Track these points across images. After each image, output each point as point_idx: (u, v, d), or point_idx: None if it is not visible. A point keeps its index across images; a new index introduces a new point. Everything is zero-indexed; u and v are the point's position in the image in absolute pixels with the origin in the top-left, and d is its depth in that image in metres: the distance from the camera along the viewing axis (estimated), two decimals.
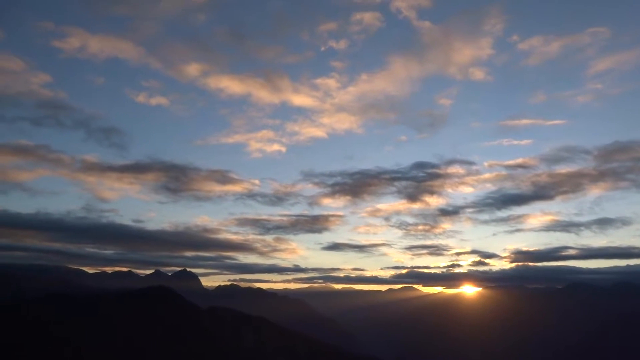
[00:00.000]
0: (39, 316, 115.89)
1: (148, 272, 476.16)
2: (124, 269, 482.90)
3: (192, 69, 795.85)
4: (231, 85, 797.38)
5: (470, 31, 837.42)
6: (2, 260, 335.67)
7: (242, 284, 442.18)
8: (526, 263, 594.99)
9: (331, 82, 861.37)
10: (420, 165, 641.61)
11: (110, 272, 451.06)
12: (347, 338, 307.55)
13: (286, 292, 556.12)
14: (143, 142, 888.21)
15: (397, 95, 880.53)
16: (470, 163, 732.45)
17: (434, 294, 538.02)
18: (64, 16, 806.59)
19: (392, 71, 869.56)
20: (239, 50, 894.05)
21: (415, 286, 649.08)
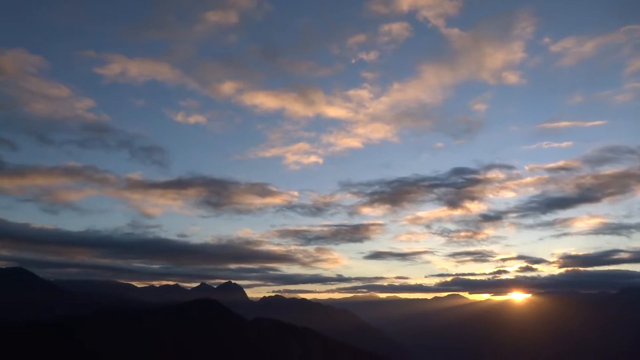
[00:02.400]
0: (92, 330, 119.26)
1: (194, 285, 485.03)
2: (171, 283, 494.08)
3: (227, 87, 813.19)
4: (266, 100, 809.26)
5: (501, 36, 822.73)
6: (56, 277, 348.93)
7: (286, 295, 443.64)
8: (576, 268, 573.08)
9: (364, 93, 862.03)
10: (458, 172, 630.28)
11: (157, 286, 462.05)
12: (395, 348, 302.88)
13: (330, 302, 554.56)
14: (183, 159, 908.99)
15: (431, 102, 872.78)
16: (510, 167, 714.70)
17: (481, 302, 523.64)
18: (104, 44, 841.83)
19: (423, 79, 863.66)
20: (272, 67, 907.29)
21: (462, 294, 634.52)
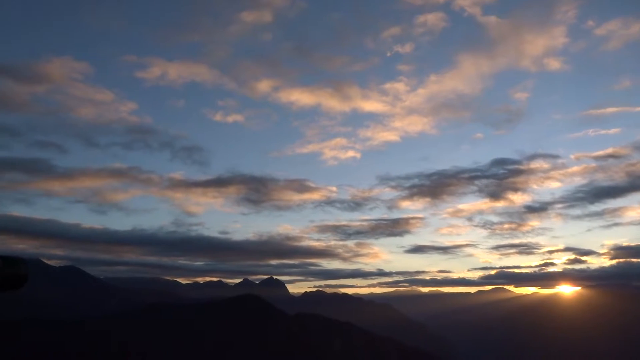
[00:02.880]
0: (141, 324, 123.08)
1: (237, 280, 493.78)
2: (215, 279, 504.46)
3: (264, 86, 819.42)
4: (302, 97, 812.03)
5: (541, 21, 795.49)
6: (106, 275, 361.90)
7: (328, 290, 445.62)
8: (628, 259, 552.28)
9: (400, 86, 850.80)
10: (500, 162, 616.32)
11: (202, 282, 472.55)
12: (439, 342, 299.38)
13: (372, 296, 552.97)
14: (223, 157, 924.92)
15: (469, 93, 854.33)
16: (555, 157, 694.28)
17: (527, 295, 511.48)
18: (145, 48, 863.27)
19: (461, 69, 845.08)
20: (307, 64, 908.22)
21: (507, 287, 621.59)
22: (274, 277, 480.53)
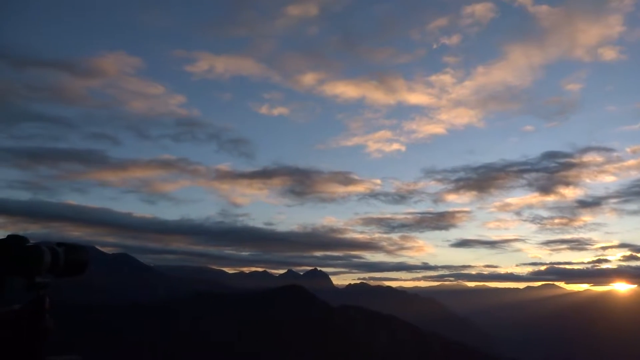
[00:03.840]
0: (190, 312, 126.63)
1: (281, 271, 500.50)
2: (260, 269, 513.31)
3: (309, 78, 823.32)
4: (346, 90, 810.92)
5: (595, 10, 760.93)
6: (156, 263, 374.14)
7: (372, 283, 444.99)
8: None
9: (446, 78, 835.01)
10: (550, 155, 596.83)
11: (247, 272, 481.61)
12: (485, 338, 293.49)
13: (416, 290, 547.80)
14: (268, 149, 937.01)
15: (519, 84, 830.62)
16: (609, 150, 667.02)
17: (579, 292, 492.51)
18: (193, 43, 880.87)
19: (510, 61, 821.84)
20: (351, 56, 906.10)
21: (557, 283, 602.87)
22: (318, 268, 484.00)
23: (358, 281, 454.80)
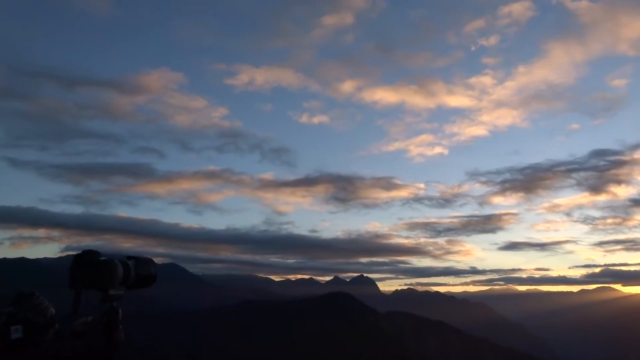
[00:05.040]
0: (238, 321, 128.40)
1: (327, 278, 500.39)
2: (306, 276, 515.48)
3: (347, 86, 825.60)
4: (385, 95, 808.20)
5: (638, 2, 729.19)
6: (204, 272, 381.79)
7: (419, 288, 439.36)
8: None
9: (486, 80, 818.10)
10: (599, 154, 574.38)
11: (293, 279, 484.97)
12: (538, 344, 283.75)
13: (465, 295, 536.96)
14: (310, 157, 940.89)
15: (562, 82, 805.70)
16: None
17: (638, 295, 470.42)
18: (233, 56, 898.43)
19: (551, 58, 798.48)
20: (389, 62, 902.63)
21: (614, 286, 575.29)
22: (364, 274, 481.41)
23: (405, 287, 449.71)
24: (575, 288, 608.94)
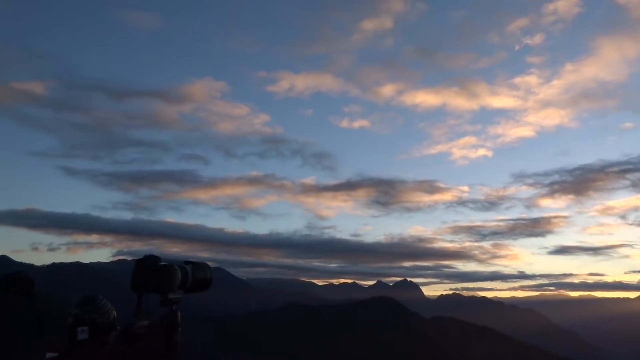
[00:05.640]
0: (283, 324, 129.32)
1: (370, 282, 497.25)
2: (349, 281, 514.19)
3: (388, 90, 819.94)
4: (426, 98, 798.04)
5: None
6: (248, 276, 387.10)
7: (465, 293, 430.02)
8: None
9: (531, 79, 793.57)
10: None
11: (336, 283, 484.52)
12: (593, 352, 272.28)
13: (514, 300, 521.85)
14: (351, 162, 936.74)
15: (613, 79, 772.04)
16: None
17: None
18: (274, 64, 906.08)
19: (601, 55, 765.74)
20: (429, 64, 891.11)
21: None
22: (408, 279, 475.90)
23: (450, 292, 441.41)
24: (632, 294, 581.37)
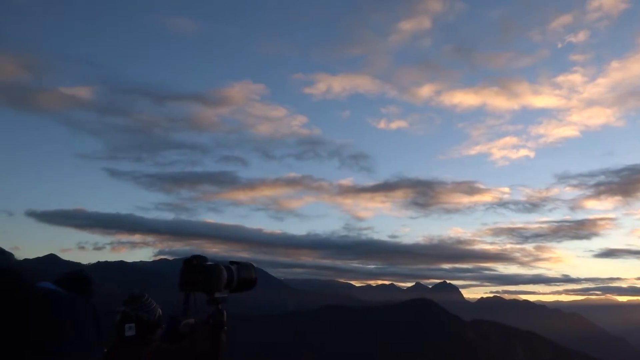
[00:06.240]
0: (320, 325, 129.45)
1: (409, 284, 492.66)
2: (387, 282, 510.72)
3: (426, 90, 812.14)
4: (465, 98, 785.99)
5: None
6: (286, 276, 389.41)
7: (506, 296, 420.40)
8: None
9: (575, 78, 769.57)
10: None
11: (374, 285, 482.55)
12: None
13: (558, 304, 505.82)
14: (388, 163, 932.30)
15: None
16: None
17: None
18: (311, 66, 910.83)
19: None
20: (468, 64, 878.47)
21: None
22: (447, 281, 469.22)
23: (491, 295, 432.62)
24: None
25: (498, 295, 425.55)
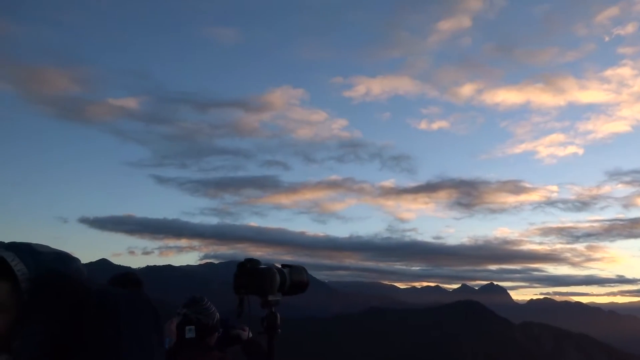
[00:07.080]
0: (366, 327, 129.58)
1: (455, 286, 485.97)
2: (432, 284, 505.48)
3: (467, 89, 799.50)
4: (508, 96, 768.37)
5: None
6: (330, 279, 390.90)
7: (557, 298, 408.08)
8: None
9: (624, 71, 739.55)
10: None
11: (419, 287, 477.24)
12: None
13: (612, 306, 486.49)
14: (430, 163, 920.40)
15: None
16: None
17: None
18: (350, 69, 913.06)
19: None
20: (510, 61, 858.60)
21: None
22: (495, 282, 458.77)
23: (541, 296, 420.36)
24: None
25: (549, 297, 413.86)
